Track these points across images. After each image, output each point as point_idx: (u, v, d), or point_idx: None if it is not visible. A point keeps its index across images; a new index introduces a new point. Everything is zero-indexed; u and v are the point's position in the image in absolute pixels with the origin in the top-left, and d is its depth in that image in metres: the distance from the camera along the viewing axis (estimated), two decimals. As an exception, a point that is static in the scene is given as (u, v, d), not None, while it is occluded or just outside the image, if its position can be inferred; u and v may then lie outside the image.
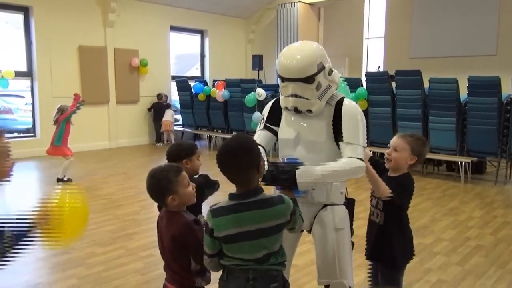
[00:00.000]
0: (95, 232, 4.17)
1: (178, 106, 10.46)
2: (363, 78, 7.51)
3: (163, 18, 10.28)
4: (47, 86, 8.42)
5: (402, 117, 6.87)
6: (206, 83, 9.86)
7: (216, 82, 9.17)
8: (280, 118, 2.15)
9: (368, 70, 10.86)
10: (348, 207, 2.14)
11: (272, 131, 2.17)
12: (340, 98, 2.03)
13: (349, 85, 7.53)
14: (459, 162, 6.45)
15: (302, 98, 1.97)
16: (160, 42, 10.31)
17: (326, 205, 2.08)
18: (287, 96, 2.03)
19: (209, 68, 11.60)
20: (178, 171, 1.77)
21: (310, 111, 1.99)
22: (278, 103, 2.14)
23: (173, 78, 10.67)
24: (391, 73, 7.08)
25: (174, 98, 10.75)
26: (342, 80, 2.18)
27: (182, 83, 10.08)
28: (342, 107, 1.98)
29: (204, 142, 9.82)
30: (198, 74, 11.78)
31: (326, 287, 2.09)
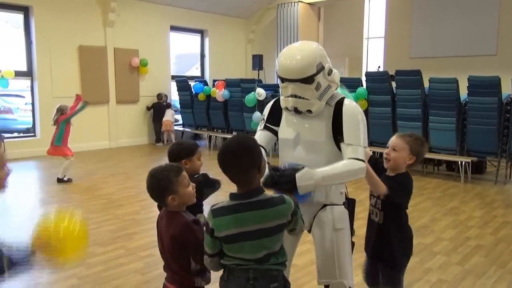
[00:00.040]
0: (95, 232, 4.17)
1: (178, 106, 10.47)
2: (363, 78, 7.51)
3: (163, 18, 10.28)
4: (47, 86, 8.42)
5: (402, 117, 6.87)
6: (206, 83, 9.86)
7: (216, 82, 9.17)
8: (280, 118, 2.15)
9: (368, 70, 10.87)
10: (348, 207, 2.14)
11: (272, 131, 2.17)
12: (340, 98, 2.02)
13: (349, 85, 7.57)
14: (459, 162, 6.45)
15: (301, 98, 1.97)
16: (160, 42, 10.31)
17: (325, 205, 2.08)
18: (287, 96, 2.02)
19: (209, 68, 11.60)
20: (178, 171, 1.77)
21: (310, 111, 1.99)
22: (279, 103, 2.14)
23: (173, 78, 10.67)
24: (391, 73, 7.08)
25: (174, 98, 10.75)
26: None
27: (182, 83, 10.08)
28: (342, 107, 1.98)
29: (204, 142, 9.82)
30: (198, 74, 11.78)
31: (326, 287, 2.09)
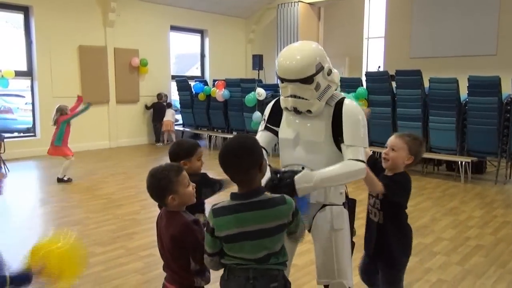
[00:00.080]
0: (95, 231, 4.17)
1: (178, 106, 10.46)
2: (363, 78, 7.51)
3: (163, 17, 10.28)
4: (47, 85, 8.42)
5: (402, 117, 6.87)
6: (206, 83, 9.86)
7: (216, 82, 9.17)
8: (281, 119, 2.15)
9: (368, 70, 10.87)
10: (348, 208, 2.13)
11: (273, 132, 2.17)
12: (340, 98, 2.01)
13: (349, 85, 7.55)
14: (459, 162, 6.45)
15: (301, 98, 1.97)
16: (160, 41, 10.31)
17: (325, 205, 2.07)
18: (287, 96, 2.02)
19: (209, 67, 11.60)
20: (178, 171, 1.77)
21: (310, 112, 1.99)
22: (279, 104, 2.14)
23: (173, 77, 10.67)
24: (391, 73, 7.08)
25: (174, 97, 10.75)
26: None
27: (182, 83, 10.08)
28: (342, 107, 1.97)
29: (204, 142, 9.82)
30: (198, 73, 11.78)
31: (326, 287, 2.09)
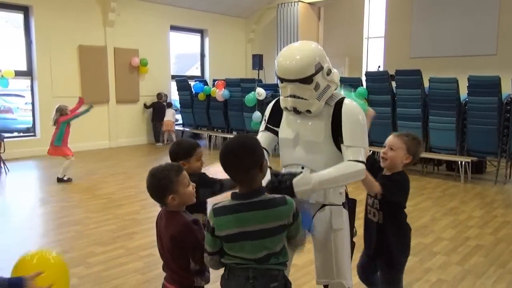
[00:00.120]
0: (95, 231, 4.17)
1: (178, 105, 10.46)
2: (363, 78, 7.51)
3: (163, 17, 10.28)
4: (47, 85, 8.42)
5: (402, 116, 6.87)
6: (206, 83, 9.86)
7: (216, 82, 9.17)
8: (281, 119, 2.14)
9: (368, 70, 10.86)
10: (349, 208, 2.13)
11: (273, 132, 2.17)
12: (340, 98, 2.01)
13: (349, 84, 7.57)
14: (459, 162, 6.45)
15: (300, 98, 1.96)
16: (160, 41, 10.31)
17: (324, 205, 2.07)
18: (286, 96, 2.02)
19: (209, 67, 11.60)
20: (178, 171, 1.77)
21: (309, 112, 1.98)
22: (279, 104, 2.13)
23: (173, 77, 10.67)
24: (391, 72, 7.08)
25: (174, 97, 10.75)
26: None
27: (182, 83, 10.08)
28: (342, 107, 1.96)
29: (204, 141, 9.81)
30: (198, 73, 11.78)
31: (325, 287, 2.09)
